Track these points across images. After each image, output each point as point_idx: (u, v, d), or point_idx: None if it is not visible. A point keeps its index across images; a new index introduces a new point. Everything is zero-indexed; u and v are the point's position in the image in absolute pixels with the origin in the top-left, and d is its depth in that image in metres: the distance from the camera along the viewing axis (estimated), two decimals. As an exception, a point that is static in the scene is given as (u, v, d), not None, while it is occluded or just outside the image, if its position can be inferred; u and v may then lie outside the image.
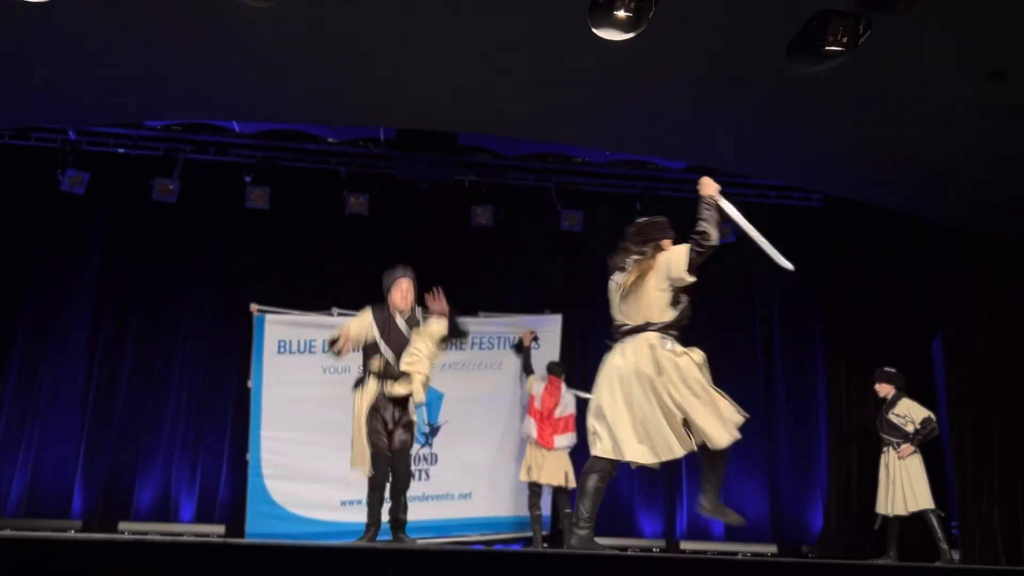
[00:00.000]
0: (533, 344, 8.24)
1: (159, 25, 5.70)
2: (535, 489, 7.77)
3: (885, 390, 7.30)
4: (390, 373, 5.12)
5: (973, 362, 8.09)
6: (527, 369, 8.18)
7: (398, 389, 5.13)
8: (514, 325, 8.62)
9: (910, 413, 7.07)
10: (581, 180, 9.23)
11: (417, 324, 5.25)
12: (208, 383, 8.49)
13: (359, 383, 5.24)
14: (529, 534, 7.88)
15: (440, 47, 5.98)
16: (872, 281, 8.80)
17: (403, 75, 6.40)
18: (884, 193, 7.84)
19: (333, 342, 5.12)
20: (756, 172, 8.51)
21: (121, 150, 8.61)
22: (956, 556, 7.74)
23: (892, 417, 7.13)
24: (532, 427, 7.79)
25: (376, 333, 5.13)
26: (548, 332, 8.66)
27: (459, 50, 6.02)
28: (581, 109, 6.81)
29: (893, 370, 7.35)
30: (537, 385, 7.95)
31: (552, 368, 8.01)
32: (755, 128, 6.84)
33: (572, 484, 7.70)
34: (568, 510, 7.69)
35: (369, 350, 5.19)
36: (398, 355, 5.13)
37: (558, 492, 7.73)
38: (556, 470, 7.67)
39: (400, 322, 5.23)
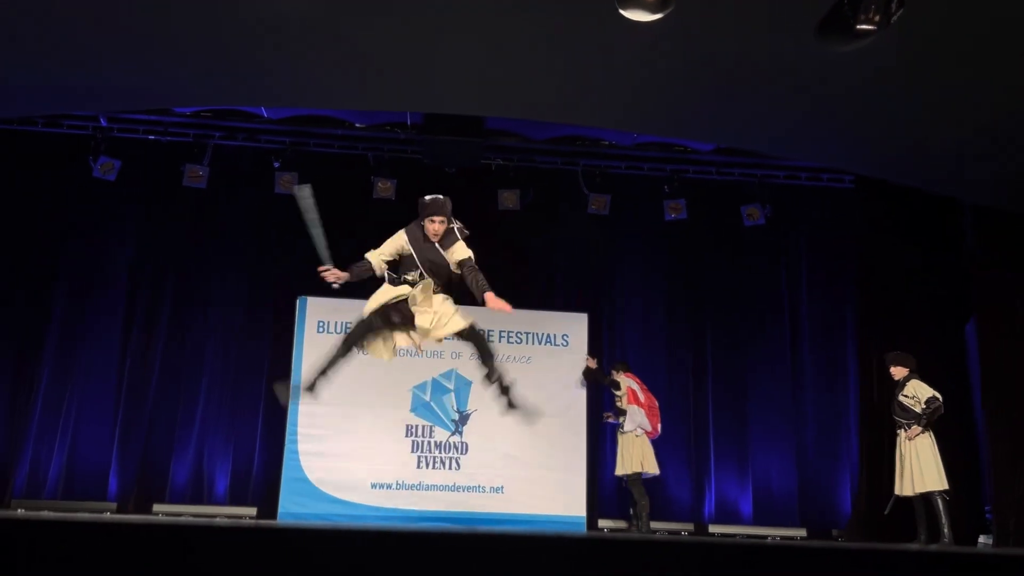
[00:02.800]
0: (590, 362, 8.39)
1: (188, 12, 5.73)
2: (640, 479, 7.75)
3: (900, 372, 7.23)
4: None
5: (1008, 344, 7.96)
6: (599, 377, 8.29)
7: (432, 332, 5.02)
8: (541, 321, 8.77)
9: (917, 393, 7.00)
10: (609, 163, 9.18)
11: (450, 244, 5.21)
12: (240, 366, 8.60)
13: (396, 281, 5.18)
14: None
15: (468, 31, 5.96)
16: (905, 262, 8.67)
17: (431, 60, 6.39)
18: (917, 173, 7.72)
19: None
20: (787, 154, 8.41)
21: (151, 137, 8.70)
22: (989, 540, 7.67)
23: (902, 399, 7.08)
24: (644, 418, 7.79)
25: (411, 248, 5.19)
26: (575, 331, 8.77)
27: (487, 34, 6.00)
28: (610, 92, 6.75)
29: (905, 353, 7.31)
30: (624, 379, 7.99)
31: (619, 366, 8.17)
32: (785, 110, 6.75)
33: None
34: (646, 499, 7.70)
35: (405, 263, 5.22)
36: (431, 269, 5.15)
37: (638, 480, 7.76)
38: (654, 458, 7.80)
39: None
